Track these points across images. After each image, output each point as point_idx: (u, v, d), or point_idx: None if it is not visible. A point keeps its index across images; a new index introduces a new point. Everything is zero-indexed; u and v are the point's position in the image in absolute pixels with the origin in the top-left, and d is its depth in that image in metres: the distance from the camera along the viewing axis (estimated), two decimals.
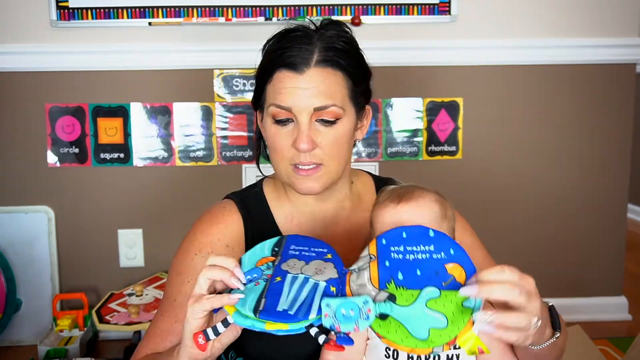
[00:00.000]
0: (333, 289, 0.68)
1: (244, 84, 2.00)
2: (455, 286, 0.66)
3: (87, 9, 1.93)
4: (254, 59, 1.96)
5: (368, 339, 0.83)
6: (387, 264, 0.69)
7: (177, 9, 1.94)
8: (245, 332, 0.90)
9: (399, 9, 1.99)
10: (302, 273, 0.70)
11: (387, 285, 0.67)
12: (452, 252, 0.69)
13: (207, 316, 0.71)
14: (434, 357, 0.77)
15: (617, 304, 2.21)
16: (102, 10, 1.93)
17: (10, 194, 2.01)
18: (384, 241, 0.72)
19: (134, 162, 2.03)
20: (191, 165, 2.04)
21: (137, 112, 2.01)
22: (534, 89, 2.09)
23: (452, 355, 0.78)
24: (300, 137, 0.85)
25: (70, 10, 1.93)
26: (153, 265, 2.07)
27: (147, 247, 2.07)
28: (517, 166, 2.12)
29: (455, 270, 0.68)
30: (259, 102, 0.94)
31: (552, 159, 2.13)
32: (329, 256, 0.73)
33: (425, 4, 1.99)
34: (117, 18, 1.94)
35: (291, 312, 0.64)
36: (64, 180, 2.02)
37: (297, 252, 0.73)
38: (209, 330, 0.70)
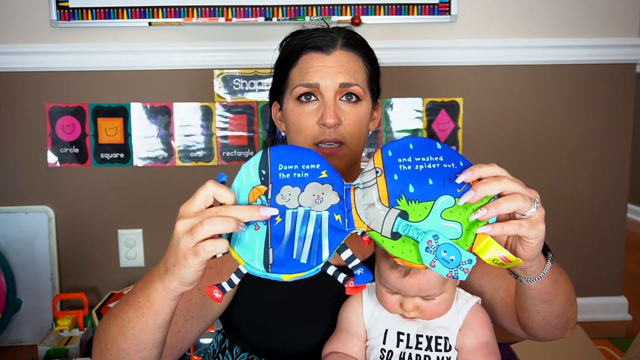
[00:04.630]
0: (338, 217, 0.64)
1: (244, 84, 2.00)
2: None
3: (87, 9, 1.93)
4: (254, 58, 1.97)
5: (367, 340, 0.84)
6: (395, 177, 0.65)
7: (177, 9, 1.94)
8: (248, 329, 0.91)
9: (399, 9, 1.99)
10: (300, 205, 0.64)
11: (398, 201, 0.63)
12: (461, 164, 0.65)
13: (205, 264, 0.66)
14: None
15: (617, 304, 2.21)
16: (102, 10, 1.93)
17: (10, 194, 2.01)
18: (390, 152, 0.66)
19: (134, 162, 2.03)
20: (191, 165, 2.05)
21: (137, 112, 2.01)
22: (534, 89, 2.09)
23: (444, 357, 0.78)
24: (327, 112, 0.88)
25: (70, 10, 1.93)
26: (153, 265, 2.04)
27: (147, 247, 2.07)
28: (516, 166, 2.12)
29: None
30: (279, 91, 0.96)
31: (552, 159, 2.13)
32: (324, 174, 0.67)
33: (425, 4, 1.99)
34: (117, 18, 1.94)
35: (304, 261, 0.61)
36: (64, 180, 2.02)
37: (287, 176, 0.66)
38: (225, 284, 0.65)
